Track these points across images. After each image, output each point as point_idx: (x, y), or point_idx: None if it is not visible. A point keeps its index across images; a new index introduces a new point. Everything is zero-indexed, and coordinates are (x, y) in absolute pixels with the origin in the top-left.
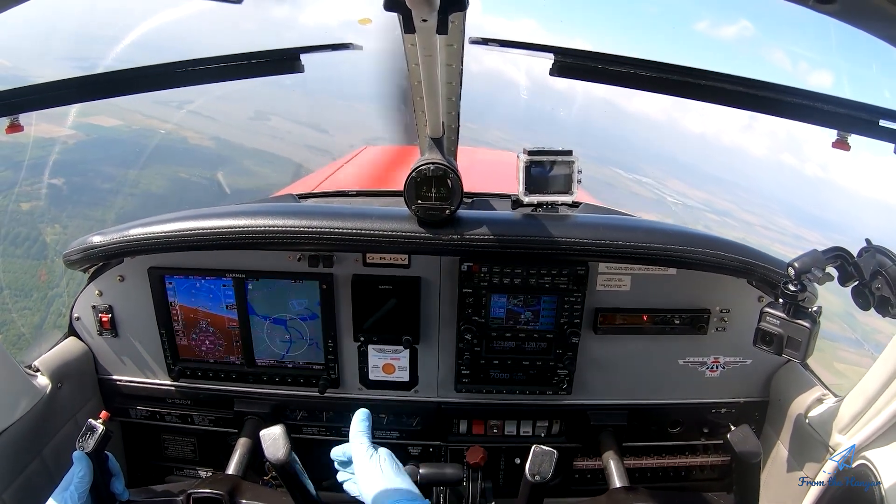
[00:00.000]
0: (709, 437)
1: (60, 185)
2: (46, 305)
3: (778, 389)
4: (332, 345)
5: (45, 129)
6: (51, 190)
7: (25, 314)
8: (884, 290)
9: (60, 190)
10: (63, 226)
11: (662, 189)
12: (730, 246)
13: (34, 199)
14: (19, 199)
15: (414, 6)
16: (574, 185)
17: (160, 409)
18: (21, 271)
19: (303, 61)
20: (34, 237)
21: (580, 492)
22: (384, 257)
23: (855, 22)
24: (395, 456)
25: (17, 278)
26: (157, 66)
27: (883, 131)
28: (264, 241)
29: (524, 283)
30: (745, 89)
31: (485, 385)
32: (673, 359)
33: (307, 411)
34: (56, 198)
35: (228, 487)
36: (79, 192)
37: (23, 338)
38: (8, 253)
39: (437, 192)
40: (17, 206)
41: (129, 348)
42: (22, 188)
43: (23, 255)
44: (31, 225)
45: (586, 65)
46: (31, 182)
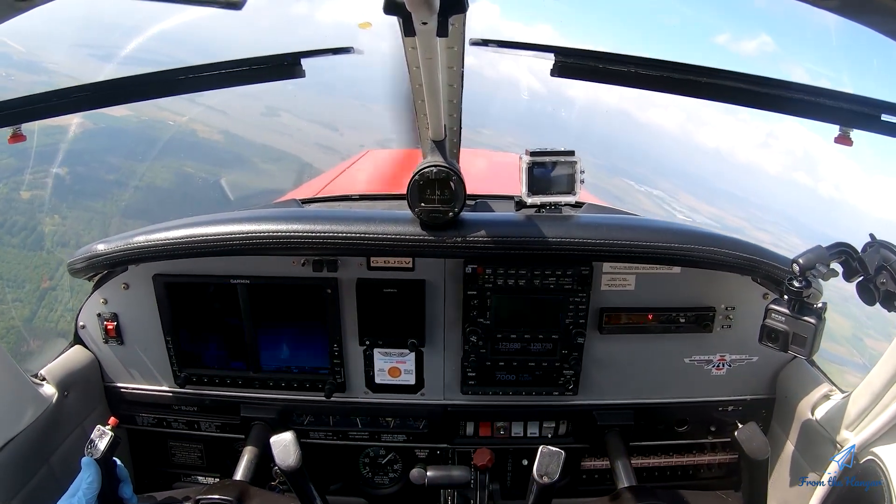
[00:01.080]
0: (716, 436)
1: (64, 175)
2: (38, 299)
3: (784, 386)
4: (338, 349)
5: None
6: (54, 179)
7: (17, 306)
8: (889, 284)
9: (63, 180)
10: (62, 217)
11: (673, 203)
12: (734, 243)
13: (36, 188)
14: (21, 188)
15: (414, 9)
16: (577, 186)
17: (167, 415)
18: (15, 262)
19: (303, 66)
20: (32, 227)
21: (588, 492)
22: (388, 261)
23: (856, 17)
24: (402, 459)
25: (10, 268)
26: (159, 73)
27: (886, 126)
28: (268, 247)
29: (529, 284)
30: (747, 86)
31: (491, 387)
32: (679, 357)
33: (314, 416)
34: (59, 188)
35: (236, 493)
36: (82, 182)
37: (13, 330)
38: (3, 242)
39: (440, 195)
40: (18, 195)
41: (135, 356)
42: (24, 176)
43: (18, 245)
44: (31, 214)
45: (587, 64)
46: (35, 171)
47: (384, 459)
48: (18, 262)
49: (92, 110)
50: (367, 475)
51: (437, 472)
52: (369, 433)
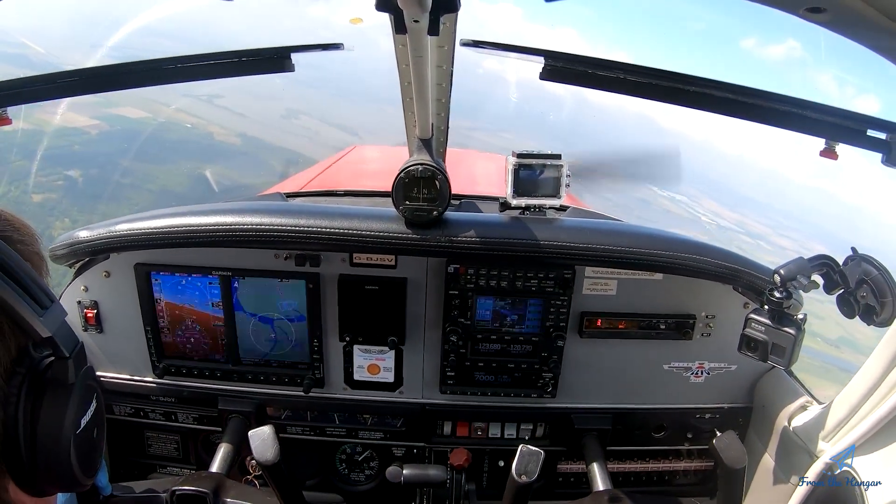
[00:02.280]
0: (692, 443)
1: (76, 178)
2: None
3: (762, 396)
4: (318, 344)
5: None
6: (66, 182)
7: None
8: (869, 298)
9: (76, 182)
10: (73, 220)
11: (696, 208)
12: (716, 252)
13: (47, 191)
14: (32, 190)
15: (405, 7)
16: (562, 189)
17: (144, 406)
18: None
19: (293, 60)
20: (41, 230)
21: (563, 495)
22: (371, 258)
23: (844, 32)
24: (379, 456)
25: None
26: (146, 61)
27: (870, 141)
28: (251, 239)
29: (510, 285)
30: (734, 96)
31: (470, 387)
32: (658, 364)
33: (291, 411)
34: (70, 190)
35: (213, 485)
36: (94, 185)
37: None
38: None
39: (425, 194)
40: (29, 198)
41: (114, 345)
42: (37, 179)
43: None
44: (41, 218)
45: (575, 69)
46: (48, 173)
47: (361, 456)
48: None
49: (76, 96)
50: (343, 471)
51: (413, 471)
52: (347, 430)
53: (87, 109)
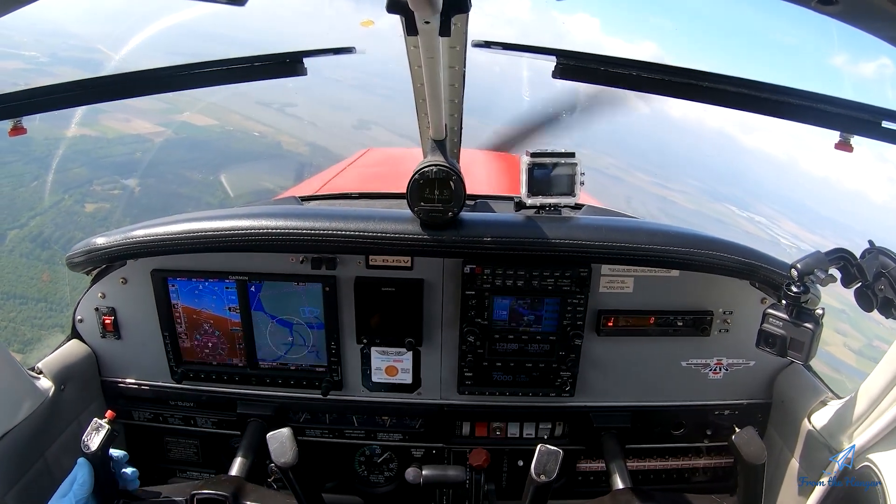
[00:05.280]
0: (712, 439)
1: (134, 187)
2: None
3: (781, 391)
4: (335, 347)
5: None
6: (123, 191)
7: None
8: (887, 291)
9: (132, 192)
10: None
11: (776, 230)
12: (732, 247)
13: (101, 201)
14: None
15: (416, 8)
16: (577, 188)
17: (163, 411)
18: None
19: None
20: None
21: (583, 493)
22: (387, 259)
23: (856, 23)
24: (398, 458)
25: (58, 288)
26: (160, 69)
27: (886, 133)
28: (267, 243)
29: (527, 285)
30: (747, 91)
31: (488, 387)
32: (676, 361)
33: (310, 413)
34: (125, 201)
35: (232, 489)
36: (151, 195)
37: None
38: (57, 259)
39: (439, 195)
40: (82, 208)
41: (132, 351)
42: (93, 187)
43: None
44: (91, 228)
45: (588, 67)
46: (105, 181)
47: (380, 458)
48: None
49: (93, 104)
50: (362, 474)
51: (432, 472)
52: (365, 432)
53: (152, 116)
